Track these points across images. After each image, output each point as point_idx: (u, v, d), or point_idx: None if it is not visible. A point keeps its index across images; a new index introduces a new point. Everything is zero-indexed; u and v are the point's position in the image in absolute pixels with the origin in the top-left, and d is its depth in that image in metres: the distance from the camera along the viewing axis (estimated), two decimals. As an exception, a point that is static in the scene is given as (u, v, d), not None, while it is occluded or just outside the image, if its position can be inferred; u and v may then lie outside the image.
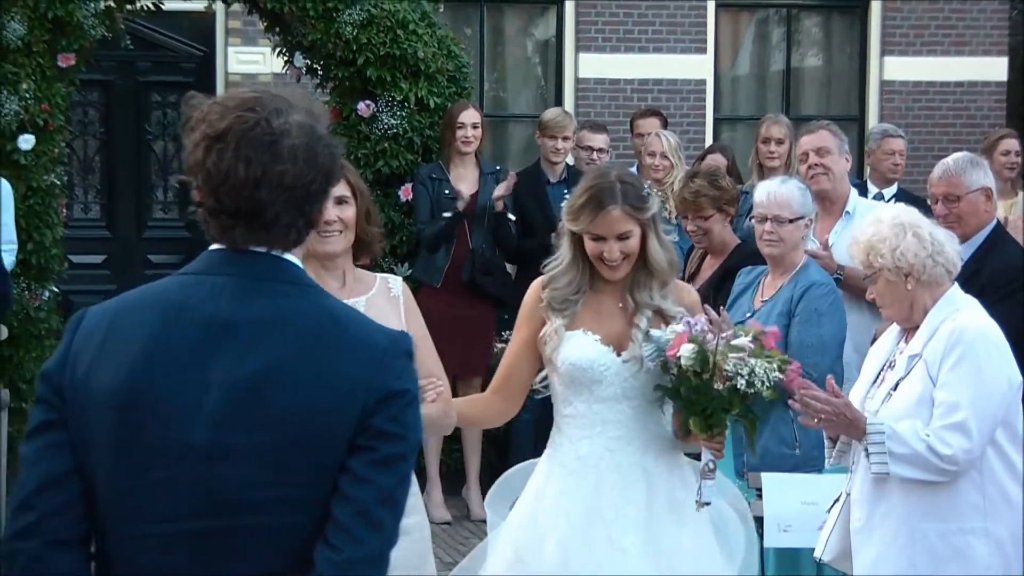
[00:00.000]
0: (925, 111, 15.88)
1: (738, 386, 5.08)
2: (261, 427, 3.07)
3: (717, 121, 15.94)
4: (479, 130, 10.64)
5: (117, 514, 3.13)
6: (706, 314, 5.24)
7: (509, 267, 11.08)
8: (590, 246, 5.37)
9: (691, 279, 8.12)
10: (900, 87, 16.02)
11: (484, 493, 10.52)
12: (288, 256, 3.22)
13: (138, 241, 15.10)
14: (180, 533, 3.09)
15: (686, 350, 5.10)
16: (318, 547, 3.08)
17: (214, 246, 3.22)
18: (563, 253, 5.48)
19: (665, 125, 11.64)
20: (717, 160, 10.40)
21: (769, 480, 6.29)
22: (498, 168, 10.97)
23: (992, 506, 5.45)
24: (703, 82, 15.80)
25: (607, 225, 5.31)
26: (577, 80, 15.61)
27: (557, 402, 5.51)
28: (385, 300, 5.32)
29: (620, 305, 5.44)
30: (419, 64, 10.95)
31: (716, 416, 5.17)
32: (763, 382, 5.10)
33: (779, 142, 10.25)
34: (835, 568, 5.99)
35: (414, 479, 4.73)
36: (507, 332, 11.38)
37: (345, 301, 4.48)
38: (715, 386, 5.10)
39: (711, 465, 5.26)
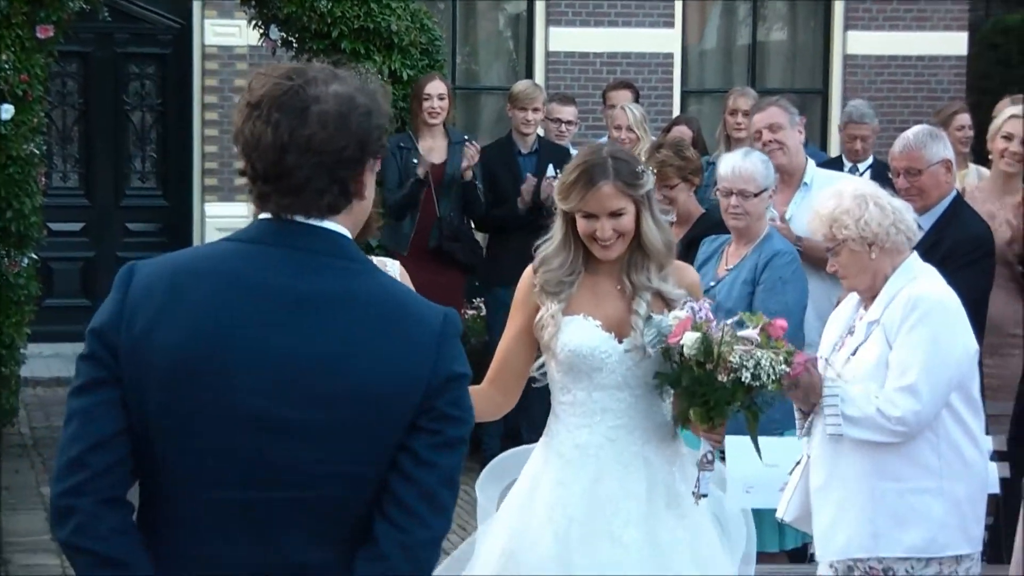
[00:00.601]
0: (887, 84, 15.94)
1: (743, 379, 4.82)
2: (323, 404, 3.04)
3: (685, 94, 15.98)
4: (446, 101, 10.65)
5: (171, 476, 3.10)
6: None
7: (480, 237, 11.13)
8: (582, 225, 5.06)
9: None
10: (863, 61, 16.07)
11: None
12: (342, 230, 3.18)
13: (116, 209, 15.09)
14: (230, 501, 3.07)
15: (689, 339, 4.85)
16: (381, 526, 3.06)
17: (262, 215, 3.18)
18: (555, 233, 5.17)
19: (637, 97, 11.68)
20: (683, 132, 10.44)
21: (732, 442, 6.32)
22: (466, 138, 10.97)
23: (948, 467, 5.50)
24: (671, 56, 15.82)
25: (598, 202, 5.00)
26: (547, 53, 15.62)
27: (554, 389, 5.22)
28: None
29: (618, 287, 5.13)
30: (392, 37, 10.94)
31: (718, 408, 4.90)
32: (769, 375, 4.84)
33: (746, 114, 10.23)
34: (796, 528, 6.05)
35: None
36: (477, 299, 11.50)
37: None
38: (719, 377, 4.83)
39: (709, 456, 5.00)
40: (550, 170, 10.80)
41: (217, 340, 3.05)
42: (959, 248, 6.95)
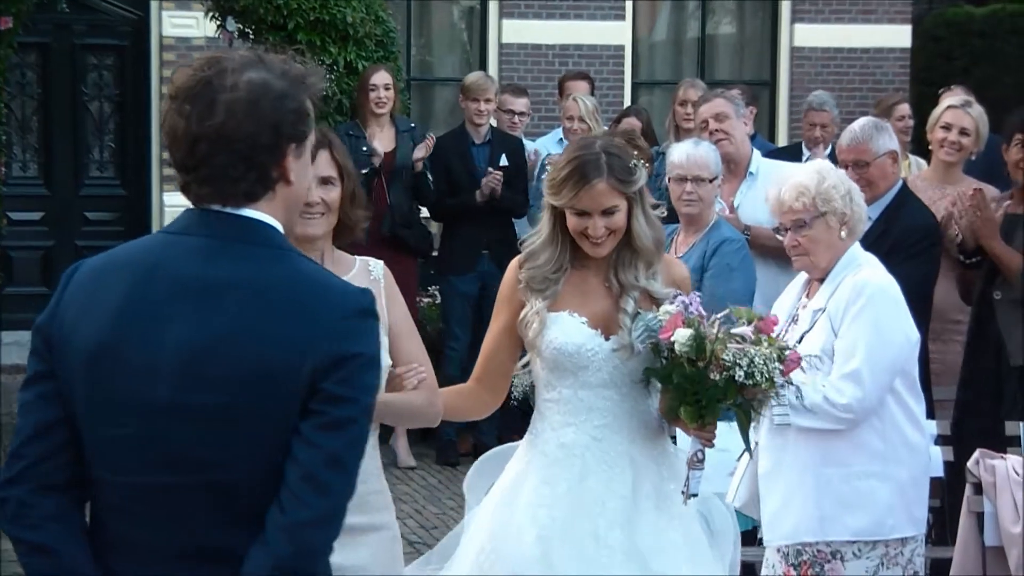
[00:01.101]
0: (833, 76, 15.97)
1: (736, 377, 4.59)
2: (216, 388, 3.05)
3: (635, 85, 15.98)
4: (391, 91, 10.65)
5: (95, 463, 3.16)
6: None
7: (435, 227, 11.13)
8: (572, 221, 4.83)
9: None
10: (810, 53, 16.11)
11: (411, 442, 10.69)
12: (262, 216, 3.17)
13: (75, 198, 15.00)
14: (145, 486, 3.10)
15: (681, 335, 4.61)
16: (270, 509, 3.05)
17: (190, 206, 3.21)
18: (542, 228, 4.95)
19: (592, 89, 11.67)
20: (632, 122, 10.44)
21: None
22: (413, 126, 10.99)
23: (893, 451, 5.51)
24: (622, 48, 15.82)
25: (592, 199, 4.78)
26: (501, 45, 15.60)
27: (539, 387, 5.00)
28: (366, 282, 4.65)
29: (606, 285, 4.90)
30: (348, 29, 10.91)
31: (710, 406, 4.67)
32: (762, 373, 4.61)
33: (695, 105, 10.26)
34: (745, 514, 6.04)
35: (381, 474, 4.61)
36: (433, 287, 11.48)
37: None
38: (711, 375, 4.61)
39: (700, 455, 4.77)
40: (503, 159, 10.80)
41: (126, 332, 3.10)
42: (907, 238, 6.97)
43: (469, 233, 10.67)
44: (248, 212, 3.16)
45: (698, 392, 4.65)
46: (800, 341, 5.50)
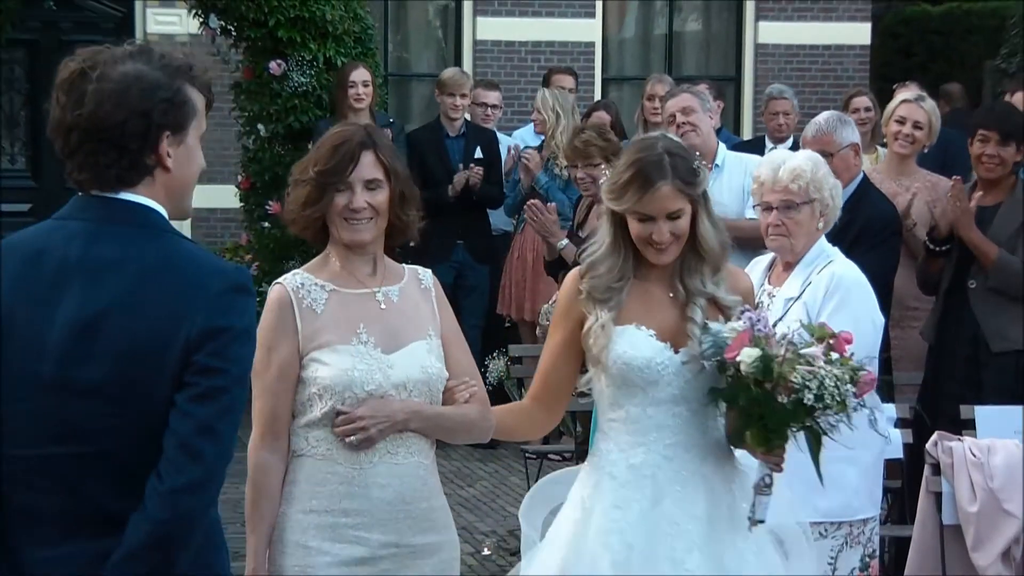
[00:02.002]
0: (796, 72, 15.97)
1: (805, 400, 4.18)
2: (98, 363, 3.14)
3: (605, 81, 15.97)
4: (370, 88, 10.61)
5: None
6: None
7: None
8: (636, 228, 4.41)
9: (579, 228, 8.14)
10: (773, 50, 16.12)
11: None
12: (141, 199, 3.24)
13: (62, 190, 14.89)
14: (40, 457, 3.18)
15: (747, 355, 4.22)
16: (149, 477, 3.13)
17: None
18: (602, 236, 4.51)
19: (577, 82, 11.71)
20: (602, 116, 10.43)
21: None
22: (392, 121, 11.00)
23: (859, 434, 5.45)
24: (592, 44, 15.81)
25: (656, 204, 4.36)
26: (475, 42, 15.57)
27: (602, 406, 4.55)
28: (417, 291, 4.47)
29: (670, 295, 4.49)
30: (327, 26, 10.89)
31: (777, 430, 4.28)
32: (833, 396, 4.19)
33: (663, 99, 10.25)
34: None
35: (441, 490, 4.43)
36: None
37: (378, 290, 4.36)
38: (778, 398, 4.21)
39: (767, 480, 4.37)
40: (478, 152, 10.78)
41: (16, 313, 3.19)
42: (872, 226, 6.97)
43: (444, 224, 10.65)
44: (127, 196, 3.24)
45: (765, 415, 4.26)
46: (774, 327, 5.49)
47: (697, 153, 4.62)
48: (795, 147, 9.81)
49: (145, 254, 3.20)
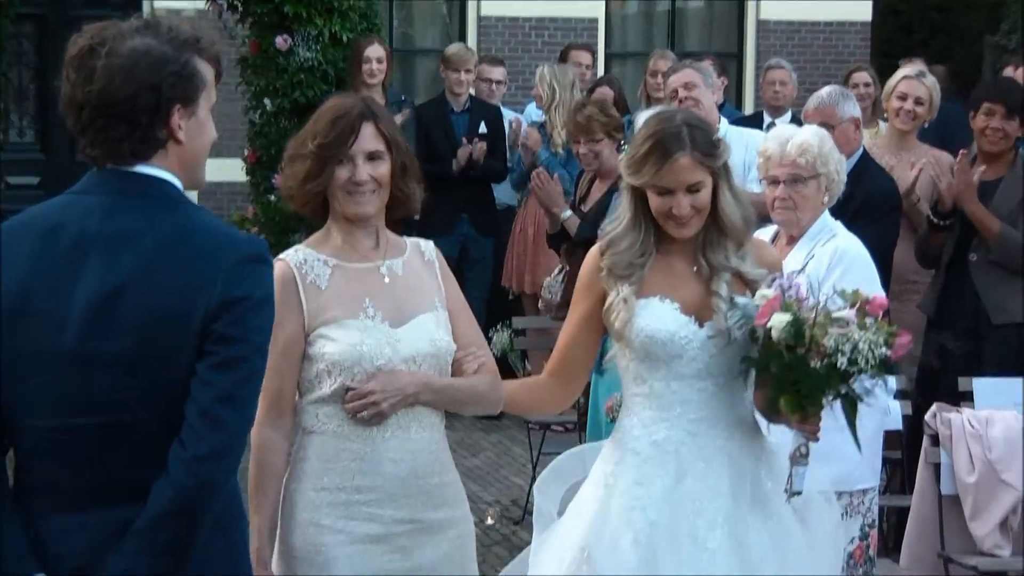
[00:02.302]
0: (798, 48, 15.94)
1: (838, 364, 4.05)
2: (119, 335, 3.15)
3: (608, 56, 15.93)
4: (384, 64, 10.57)
5: (16, 411, 3.23)
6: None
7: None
8: (655, 201, 4.29)
9: (581, 202, 8.13)
10: (775, 26, 16.08)
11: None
12: (156, 171, 3.25)
13: (71, 164, 14.92)
14: (62, 428, 3.19)
15: (778, 320, 4.08)
16: (173, 445, 3.15)
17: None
18: (622, 211, 4.39)
19: (593, 59, 11.76)
20: (605, 92, 10.42)
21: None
22: (403, 98, 11.02)
23: (863, 407, 5.50)
24: (595, 20, 15.77)
25: (675, 176, 4.24)
26: (480, 18, 15.54)
27: (626, 381, 4.44)
28: (420, 263, 4.40)
29: (694, 269, 4.36)
30: (333, 1, 10.84)
31: (811, 396, 4.14)
32: (868, 360, 4.05)
33: (665, 75, 10.24)
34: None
35: (452, 464, 4.36)
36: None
37: (382, 263, 4.29)
38: (811, 363, 4.07)
39: (804, 450, 4.26)
40: (483, 127, 10.77)
41: (30, 288, 3.20)
42: (872, 201, 6.97)
43: (448, 197, 10.64)
44: (142, 168, 3.25)
45: (798, 381, 4.12)
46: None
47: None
48: (794, 121, 9.84)
49: (162, 226, 3.20)
